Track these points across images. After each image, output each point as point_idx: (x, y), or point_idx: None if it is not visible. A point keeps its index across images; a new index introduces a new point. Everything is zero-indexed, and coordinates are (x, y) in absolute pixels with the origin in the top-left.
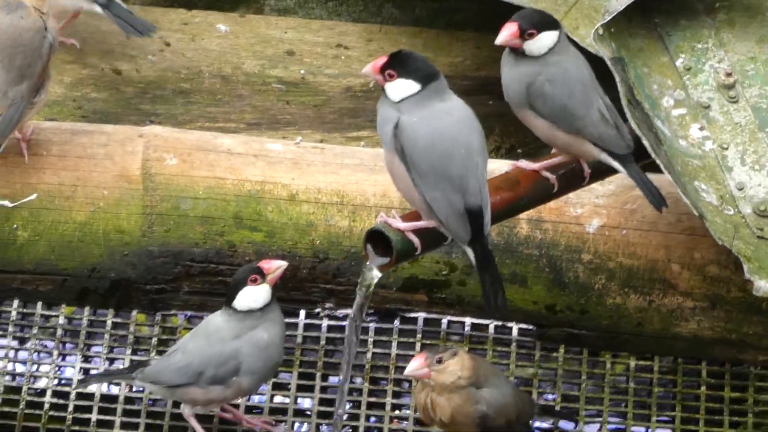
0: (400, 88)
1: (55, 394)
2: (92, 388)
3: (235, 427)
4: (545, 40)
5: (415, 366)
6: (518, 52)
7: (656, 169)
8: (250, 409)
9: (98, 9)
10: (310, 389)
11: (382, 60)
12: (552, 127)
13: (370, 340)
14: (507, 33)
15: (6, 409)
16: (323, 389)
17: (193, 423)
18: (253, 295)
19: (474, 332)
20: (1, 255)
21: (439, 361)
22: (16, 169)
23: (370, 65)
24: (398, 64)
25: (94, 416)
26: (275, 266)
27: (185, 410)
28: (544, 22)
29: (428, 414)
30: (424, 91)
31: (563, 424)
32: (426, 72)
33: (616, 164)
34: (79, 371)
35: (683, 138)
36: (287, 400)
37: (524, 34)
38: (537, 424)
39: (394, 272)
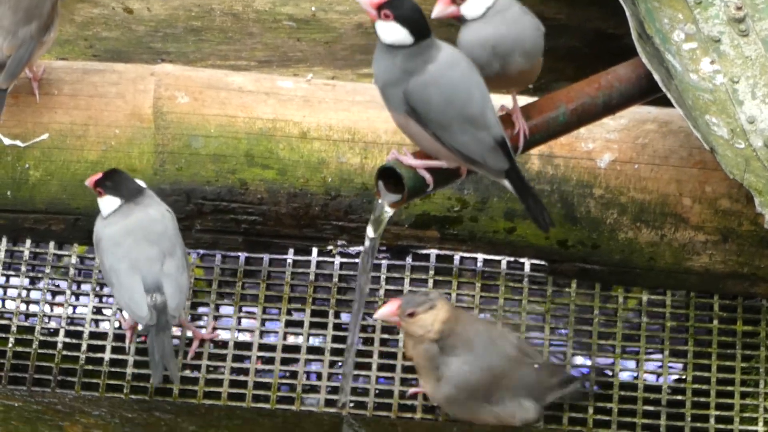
0: (393, 32)
1: (68, 333)
2: (104, 326)
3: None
4: None
5: (386, 312)
6: (461, 20)
7: (667, 103)
8: (263, 347)
9: None
10: (323, 327)
11: None
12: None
13: (383, 277)
14: (440, 4)
15: (19, 349)
16: (336, 326)
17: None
18: None
19: (486, 268)
20: (13, 195)
21: (411, 315)
22: (27, 108)
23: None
24: (396, 8)
25: (107, 356)
26: None
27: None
28: None
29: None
30: (415, 47)
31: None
32: (421, 26)
33: None
34: (92, 310)
35: (694, 72)
36: (300, 339)
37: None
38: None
39: (405, 209)
